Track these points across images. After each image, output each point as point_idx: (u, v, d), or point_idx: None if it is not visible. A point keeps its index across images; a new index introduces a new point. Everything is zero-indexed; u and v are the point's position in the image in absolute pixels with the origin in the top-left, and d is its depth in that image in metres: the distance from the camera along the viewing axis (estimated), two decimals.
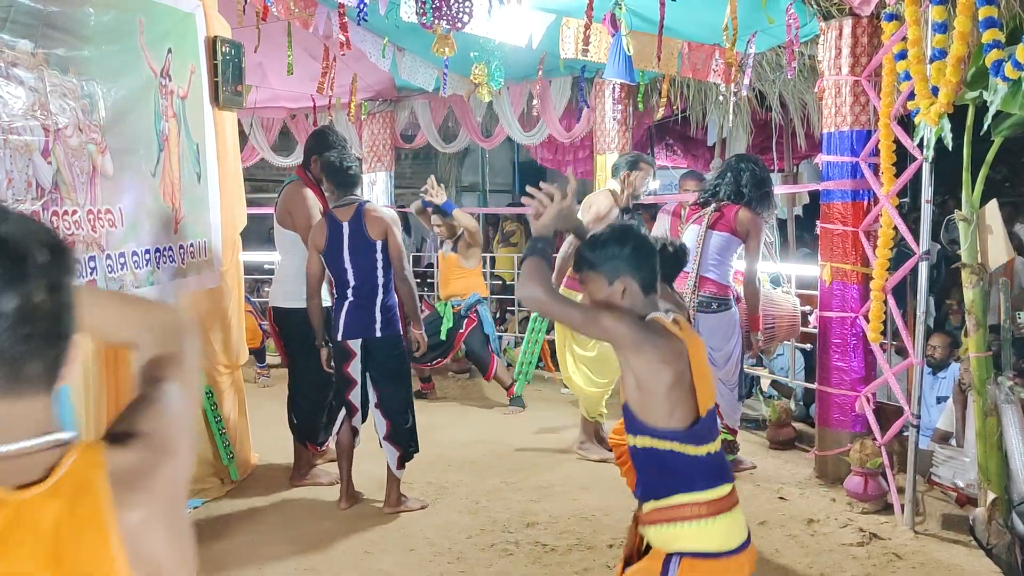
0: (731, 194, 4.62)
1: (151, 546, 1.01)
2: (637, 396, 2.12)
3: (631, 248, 2.19)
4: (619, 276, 2.17)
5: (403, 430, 4.13)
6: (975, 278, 3.83)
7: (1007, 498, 3.70)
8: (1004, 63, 3.03)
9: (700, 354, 2.17)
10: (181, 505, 1.11)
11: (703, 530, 2.09)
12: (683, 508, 2.10)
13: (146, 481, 1.02)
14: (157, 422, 1.09)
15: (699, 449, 2.11)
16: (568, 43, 5.01)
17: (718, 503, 2.11)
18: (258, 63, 6.42)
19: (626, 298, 2.17)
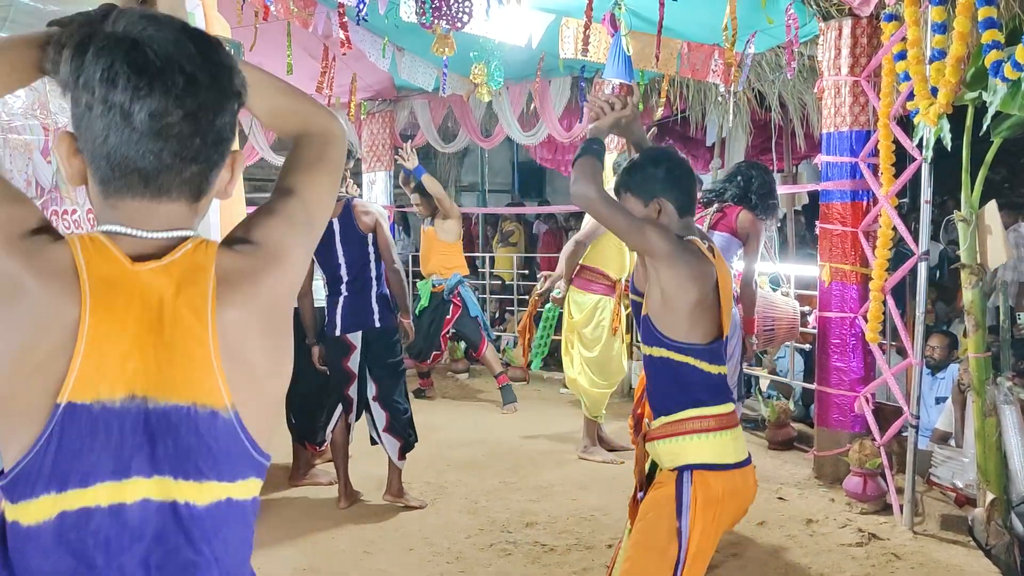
0: (736, 197, 4.61)
1: (246, 345, 1.08)
2: (660, 309, 2.17)
3: (665, 169, 2.25)
4: (655, 197, 2.23)
5: (402, 420, 4.17)
6: (974, 279, 3.83)
7: (1006, 498, 3.70)
8: (1003, 64, 3.03)
9: (727, 281, 2.24)
10: (283, 316, 1.15)
11: (710, 442, 2.18)
12: (691, 421, 2.18)
13: (248, 284, 1.09)
14: (273, 232, 1.15)
15: (711, 367, 2.19)
16: (568, 43, 5.01)
17: (723, 418, 2.20)
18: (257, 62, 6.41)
19: (662, 219, 2.22)
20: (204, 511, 1.05)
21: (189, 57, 1.03)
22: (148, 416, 1.02)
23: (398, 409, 4.16)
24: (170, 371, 1.03)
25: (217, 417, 1.05)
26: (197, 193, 1.11)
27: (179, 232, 1.09)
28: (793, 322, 5.03)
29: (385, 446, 4.16)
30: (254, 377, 1.09)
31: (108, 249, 1.04)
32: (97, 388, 0.99)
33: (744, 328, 4.64)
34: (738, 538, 3.89)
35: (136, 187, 1.06)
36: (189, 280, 1.05)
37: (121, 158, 1.03)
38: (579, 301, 4.97)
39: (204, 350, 1.04)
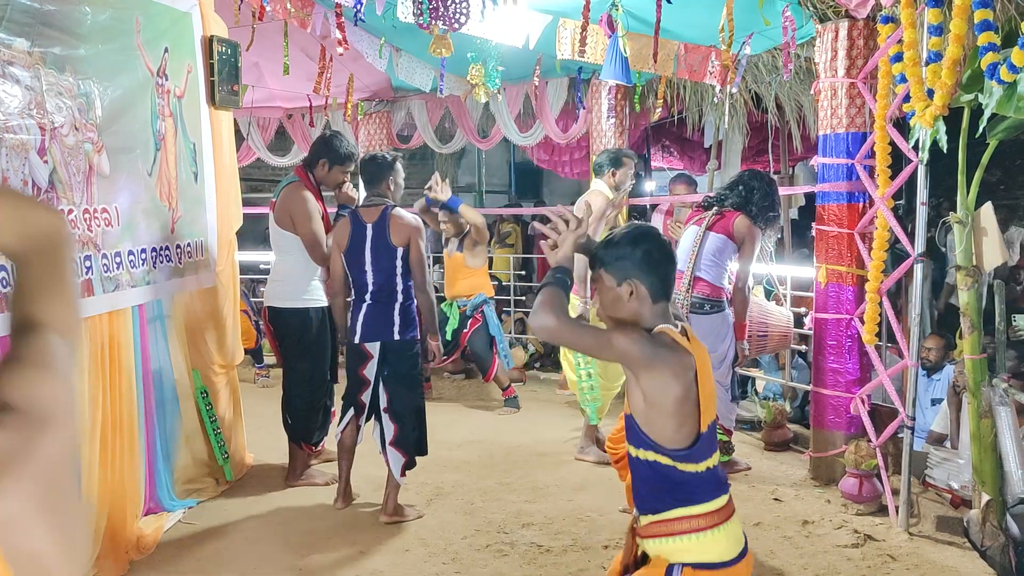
0: (736, 206, 4.62)
1: (28, 538, 0.87)
2: (644, 410, 2.09)
3: (643, 251, 2.14)
4: (628, 277, 2.13)
5: (411, 436, 4.07)
6: (970, 280, 3.84)
7: (1001, 500, 3.71)
8: (999, 66, 3.03)
9: (706, 366, 2.14)
10: (65, 484, 0.93)
11: (702, 542, 2.10)
12: (682, 521, 2.09)
13: (19, 465, 0.87)
14: (32, 390, 0.92)
15: (699, 466, 2.10)
16: (565, 44, 5.02)
17: (716, 515, 2.11)
18: (254, 63, 6.43)
19: (633, 301, 2.12)
20: None
21: None
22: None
23: (408, 424, 4.07)
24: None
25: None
26: None
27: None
28: (786, 331, 5.05)
29: (388, 460, 4.06)
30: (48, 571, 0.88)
31: None
32: None
33: (736, 333, 4.65)
34: None
35: None
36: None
37: None
38: (575, 305, 4.97)
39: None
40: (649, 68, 5.23)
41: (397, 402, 4.06)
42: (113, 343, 3.66)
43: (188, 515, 4.12)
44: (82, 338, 0.98)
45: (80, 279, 3.43)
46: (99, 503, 3.50)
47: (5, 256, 1.01)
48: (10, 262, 1.02)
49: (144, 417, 3.92)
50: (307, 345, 4.45)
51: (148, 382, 3.98)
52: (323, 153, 4.46)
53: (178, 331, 4.26)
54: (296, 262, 4.40)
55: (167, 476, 4.14)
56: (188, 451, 4.34)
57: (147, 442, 3.95)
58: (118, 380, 3.68)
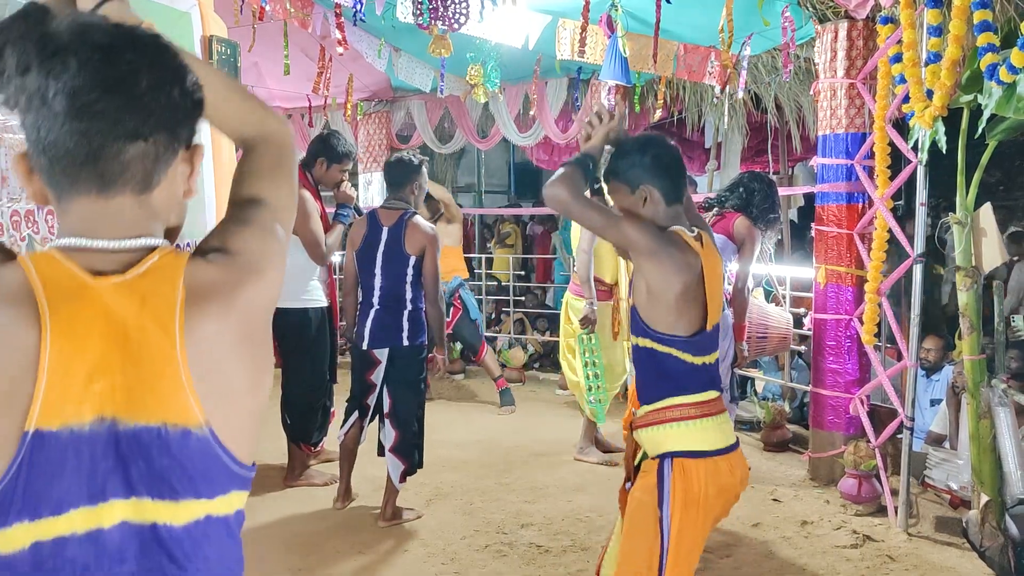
0: (737, 207, 4.61)
1: (220, 360, 1.03)
2: (646, 300, 2.18)
3: (652, 156, 2.22)
4: (641, 183, 2.20)
5: (411, 443, 4.04)
6: (969, 281, 3.84)
7: (1000, 500, 3.71)
8: (999, 67, 3.04)
9: (716, 270, 2.21)
10: (261, 329, 1.10)
11: (691, 430, 2.19)
12: (673, 409, 2.20)
13: (222, 296, 1.04)
14: (247, 242, 1.10)
15: (696, 358, 2.19)
16: (564, 44, 5.02)
17: (705, 405, 2.21)
18: (254, 63, 6.43)
19: (648, 206, 2.20)
20: (182, 531, 1.02)
21: (104, 31, 0.97)
22: (118, 438, 0.98)
23: (410, 430, 4.03)
24: (138, 391, 0.98)
25: (190, 436, 1.00)
26: (144, 181, 1.03)
27: (141, 240, 1.03)
28: (786, 334, 5.05)
29: (389, 465, 4.02)
30: (230, 392, 1.04)
31: (64, 266, 0.99)
32: (64, 413, 0.95)
33: (735, 334, 4.64)
34: (732, 539, 3.90)
35: (79, 180, 1.00)
36: (155, 293, 0.99)
37: (53, 148, 0.98)
38: (576, 306, 4.97)
39: (172, 367, 0.99)
40: (649, 68, 5.23)
41: (400, 407, 4.01)
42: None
43: None
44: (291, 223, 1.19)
45: None
46: None
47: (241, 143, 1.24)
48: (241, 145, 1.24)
49: None
50: (306, 345, 4.44)
51: None
52: (320, 152, 4.45)
53: None
54: (295, 262, 4.39)
55: None
56: None
57: None
58: None
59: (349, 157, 4.50)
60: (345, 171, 4.50)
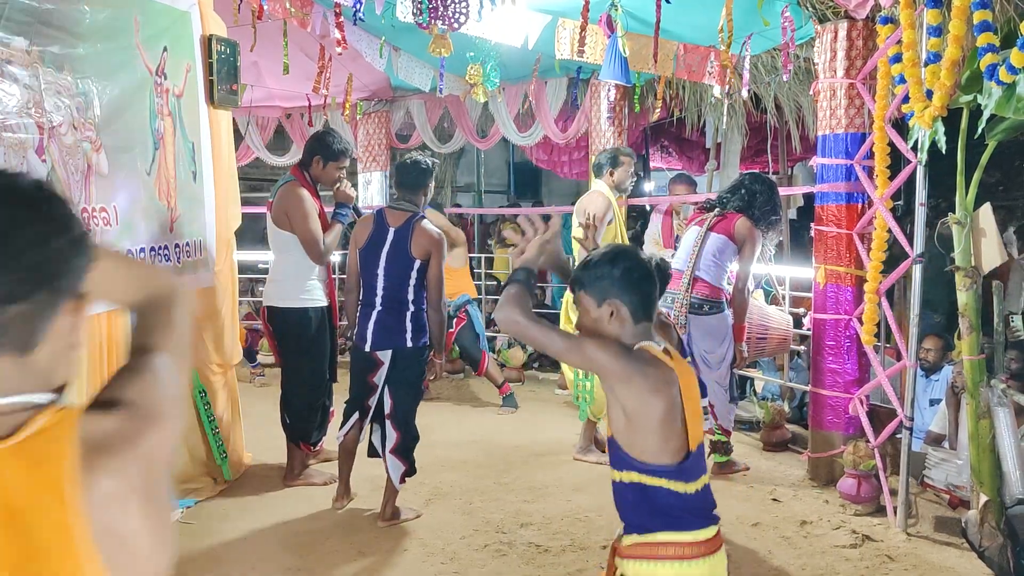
0: (739, 207, 4.62)
1: (123, 521, 0.95)
2: (625, 429, 2.02)
3: (621, 270, 2.07)
4: (607, 298, 2.06)
5: (411, 444, 4.03)
6: (968, 281, 3.84)
7: (999, 500, 3.71)
8: (998, 67, 3.04)
9: (692, 385, 2.09)
10: (162, 482, 1.02)
11: (685, 572, 2.01)
12: (667, 547, 2.01)
13: (123, 450, 0.96)
14: (143, 391, 1.03)
15: (688, 486, 2.03)
16: (564, 44, 5.02)
17: (703, 545, 2.04)
18: (253, 62, 6.42)
19: (614, 323, 2.06)
20: None
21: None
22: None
23: (409, 431, 4.02)
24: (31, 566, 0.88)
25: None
26: (23, 344, 0.96)
27: (22, 399, 0.95)
28: (785, 335, 5.05)
29: (388, 467, 4.00)
30: (134, 557, 0.95)
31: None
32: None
33: (735, 335, 4.64)
34: (732, 539, 3.89)
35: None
36: (45, 456, 0.90)
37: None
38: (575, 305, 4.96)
39: (67, 540, 0.89)
40: (648, 68, 5.23)
41: (401, 409, 3.99)
42: (111, 343, 3.65)
43: (186, 515, 4.12)
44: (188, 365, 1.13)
45: None
46: None
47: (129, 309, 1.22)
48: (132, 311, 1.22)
49: None
50: (306, 345, 4.44)
51: None
52: (317, 150, 4.44)
53: None
54: (294, 261, 4.39)
55: None
56: (186, 450, 4.33)
57: None
58: None
59: (346, 154, 4.48)
60: (342, 168, 4.48)
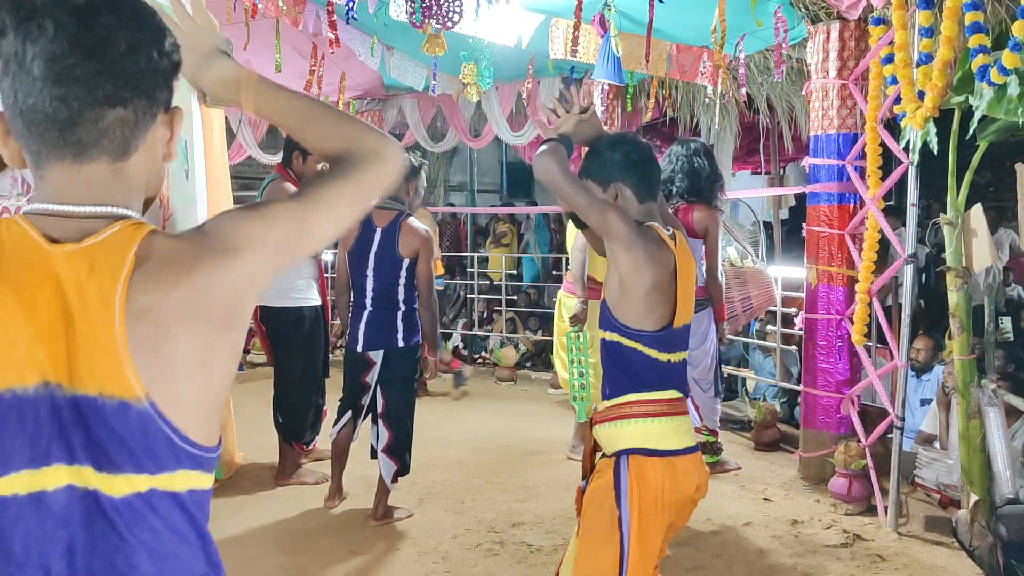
0: (687, 191, 4.54)
1: (162, 334, 0.98)
2: (617, 293, 2.16)
3: (622, 154, 2.21)
4: (612, 181, 2.20)
5: (403, 443, 4.02)
6: (959, 281, 3.86)
7: (989, 500, 3.72)
8: (990, 68, 3.05)
9: (689, 270, 2.20)
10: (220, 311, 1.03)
11: (648, 427, 2.15)
12: (632, 405, 2.16)
13: (173, 270, 0.99)
14: (236, 225, 1.06)
15: (661, 355, 2.16)
16: (557, 44, 5.02)
17: (665, 404, 2.17)
18: (246, 60, 6.41)
19: (619, 204, 2.19)
20: (122, 502, 1.00)
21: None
22: (61, 405, 0.97)
23: (402, 430, 4.01)
24: (78, 359, 0.97)
25: (128, 409, 0.97)
26: (122, 148, 1.02)
27: (106, 208, 1.02)
28: (767, 287, 5.07)
29: (381, 466, 4.01)
30: (173, 369, 1.00)
31: (25, 232, 0.99)
32: (6, 376, 0.95)
33: (715, 315, 4.61)
34: (723, 538, 3.91)
35: (55, 146, 0.99)
36: (104, 263, 0.97)
37: (31, 112, 0.97)
38: (569, 304, 4.97)
39: (109, 337, 0.96)
40: (641, 68, 5.23)
41: (392, 406, 3.99)
42: None
43: None
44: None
45: None
46: None
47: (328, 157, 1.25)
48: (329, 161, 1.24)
49: None
50: (300, 344, 4.43)
51: None
52: (296, 146, 4.43)
53: None
54: None
55: None
56: None
57: None
58: None
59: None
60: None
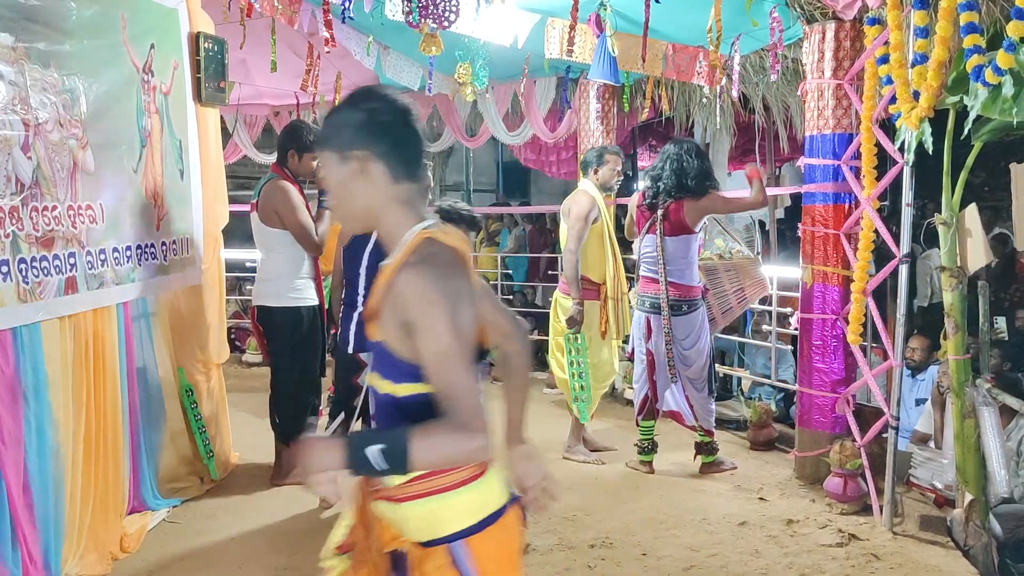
0: (673, 189, 4.59)
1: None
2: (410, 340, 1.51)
3: (366, 112, 1.59)
4: (352, 148, 1.57)
5: None
6: (954, 281, 3.86)
7: (984, 499, 3.73)
8: (985, 68, 3.05)
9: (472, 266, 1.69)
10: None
11: (479, 492, 1.64)
12: (452, 472, 1.60)
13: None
14: None
15: None
16: (553, 43, 5.01)
17: None
18: (241, 60, 6.40)
19: (365, 183, 1.57)
20: None
21: None
22: None
23: None
24: None
25: None
26: None
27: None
28: (759, 276, 5.08)
29: None
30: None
31: None
32: None
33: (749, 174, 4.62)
34: (719, 538, 3.91)
35: None
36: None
37: None
38: (565, 305, 4.97)
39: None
40: (637, 68, 5.23)
41: None
42: (98, 341, 3.63)
43: (172, 514, 4.10)
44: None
45: (64, 276, 3.41)
46: (83, 501, 3.48)
47: None
48: None
49: (128, 415, 3.89)
50: (297, 344, 4.42)
51: (133, 380, 3.95)
52: (289, 144, 4.43)
53: (163, 329, 4.24)
54: (284, 259, 4.38)
55: (151, 475, 4.11)
56: (173, 450, 4.31)
57: (131, 440, 3.93)
58: (102, 378, 3.65)
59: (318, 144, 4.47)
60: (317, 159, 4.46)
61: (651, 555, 3.73)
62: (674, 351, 4.65)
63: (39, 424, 3.23)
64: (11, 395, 3.08)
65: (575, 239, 4.78)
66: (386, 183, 1.58)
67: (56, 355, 3.34)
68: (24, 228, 3.18)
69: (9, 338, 3.08)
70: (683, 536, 3.92)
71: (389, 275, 1.54)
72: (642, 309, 4.76)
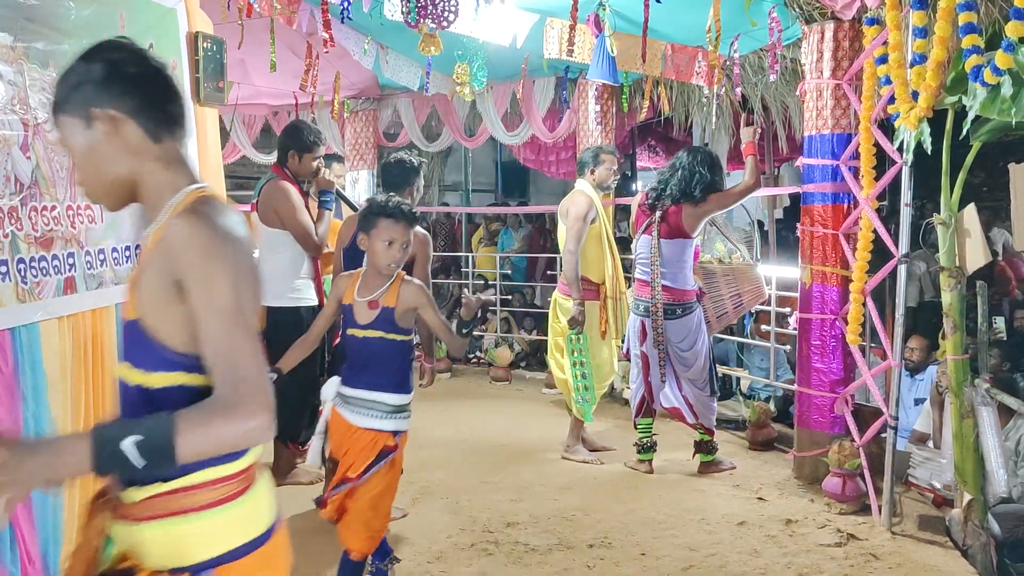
0: (677, 195, 4.59)
1: None
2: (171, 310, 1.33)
3: (109, 64, 1.34)
4: (97, 106, 1.33)
5: None
6: (953, 281, 3.86)
7: (983, 499, 3.73)
8: (983, 68, 3.05)
9: None
10: None
11: (236, 514, 1.41)
12: (204, 489, 1.37)
13: None
14: None
15: None
16: (552, 43, 5.02)
17: (252, 469, 1.48)
18: (240, 59, 6.39)
19: (117, 146, 1.35)
20: None
21: None
22: None
23: None
24: None
25: None
26: None
27: None
28: (757, 283, 5.08)
29: None
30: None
31: None
32: None
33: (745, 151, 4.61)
34: (717, 538, 3.91)
35: None
36: None
37: None
38: (564, 306, 4.97)
39: None
40: (636, 68, 5.24)
41: None
42: (96, 341, 3.63)
43: None
44: None
45: (63, 276, 3.41)
46: (80, 501, 3.47)
47: None
48: None
49: None
50: None
51: None
52: (289, 144, 4.43)
53: None
54: (284, 260, 4.37)
55: None
56: None
57: None
58: (101, 378, 3.65)
59: (319, 144, 4.47)
60: (317, 158, 4.47)
61: (650, 555, 3.73)
62: (672, 353, 4.65)
63: (38, 424, 3.22)
64: (10, 395, 3.08)
65: (574, 240, 4.78)
66: (144, 143, 1.35)
67: (55, 355, 3.34)
68: (23, 228, 3.18)
69: (8, 338, 3.08)
70: (682, 536, 3.93)
71: (156, 235, 1.32)
72: (637, 313, 4.76)
